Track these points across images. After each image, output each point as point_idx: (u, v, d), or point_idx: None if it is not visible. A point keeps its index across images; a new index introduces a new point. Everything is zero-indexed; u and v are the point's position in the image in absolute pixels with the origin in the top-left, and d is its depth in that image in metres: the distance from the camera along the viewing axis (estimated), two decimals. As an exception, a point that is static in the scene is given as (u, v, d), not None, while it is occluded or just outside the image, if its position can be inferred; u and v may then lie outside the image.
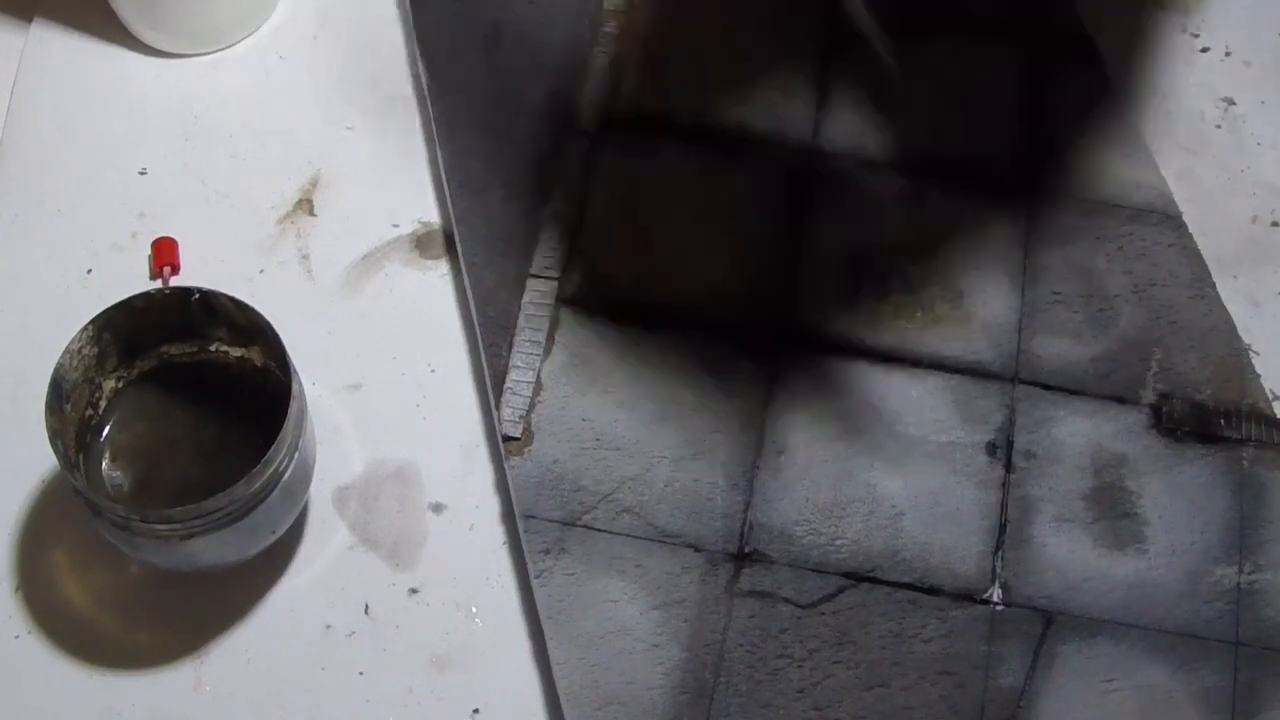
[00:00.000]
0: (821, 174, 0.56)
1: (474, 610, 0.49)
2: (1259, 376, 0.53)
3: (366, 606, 0.49)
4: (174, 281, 0.54)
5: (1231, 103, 0.61)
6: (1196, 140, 0.60)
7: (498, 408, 0.51)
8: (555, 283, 0.54)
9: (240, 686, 0.47)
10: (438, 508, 0.51)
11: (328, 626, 0.48)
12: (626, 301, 0.53)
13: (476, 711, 0.47)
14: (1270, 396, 0.53)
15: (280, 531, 0.47)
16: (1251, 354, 0.54)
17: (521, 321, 0.53)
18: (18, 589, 0.49)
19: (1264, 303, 0.56)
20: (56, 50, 0.60)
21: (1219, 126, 0.61)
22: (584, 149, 0.56)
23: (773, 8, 0.61)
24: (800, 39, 0.60)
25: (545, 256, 0.54)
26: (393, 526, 0.50)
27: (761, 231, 0.55)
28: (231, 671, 0.48)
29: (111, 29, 0.60)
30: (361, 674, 0.48)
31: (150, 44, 0.60)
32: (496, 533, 0.50)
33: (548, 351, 0.52)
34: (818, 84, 0.59)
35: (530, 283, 0.53)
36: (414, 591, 0.49)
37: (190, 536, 0.44)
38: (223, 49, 0.60)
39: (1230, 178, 0.59)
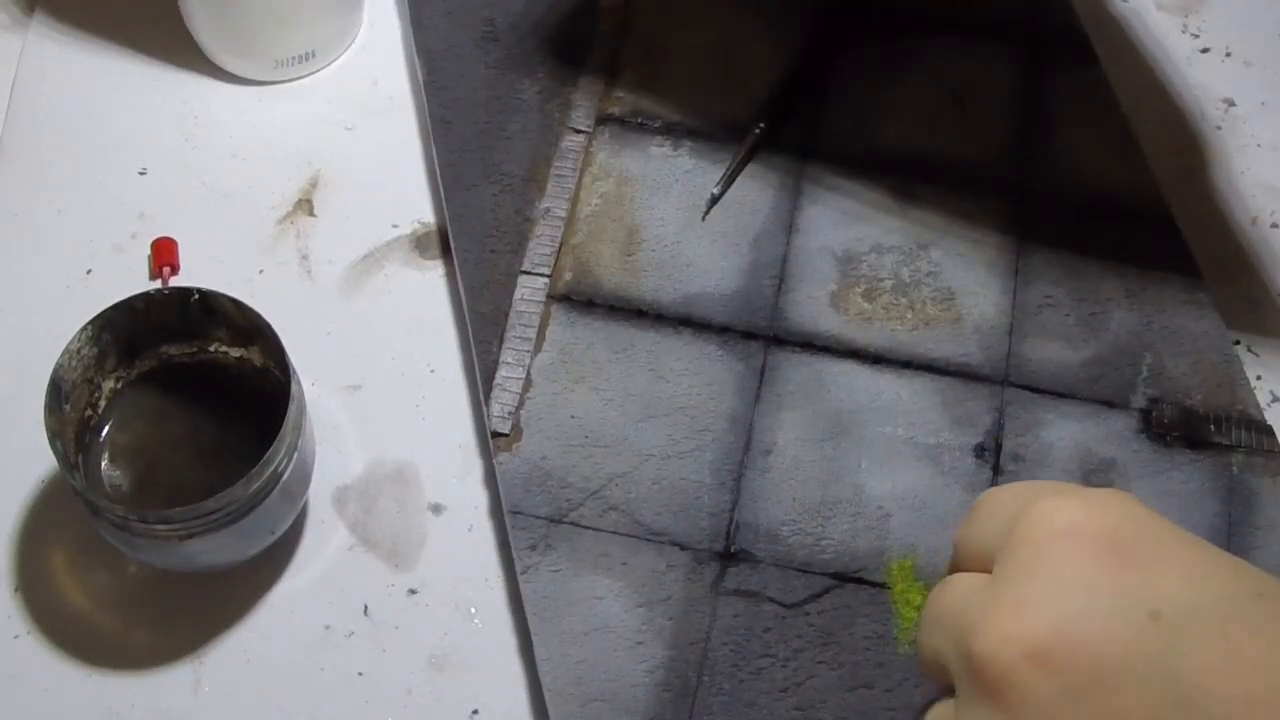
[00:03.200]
0: (813, 173, 0.56)
1: (473, 611, 0.49)
2: (1249, 382, 0.52)
3: (366, 607, 0.49)
4: (174, 282, 0.54)
5: (1231, 103, 0.61)
6: (1196, 141, 0.60)
7: (487, 404, 0.51)
8: (546, 279, 0.54)
9: (239, 687, 0.47)
10: (437, 508, 0.51)
11: (327, 627, 0.48)
12: (617, 299, 0.53)
13: (476, 712, 0.47)
14: (1264, 402, 0.53)
15: (279, 532, 0.48)
16: (1243, 359, 0.54)
17: (512, 318, 0.53)
18: (17, 589, 0.49)
19: (1263, 306, 0.56)
20: (56, 50, 0.60)
21: (1219, 127, 0.60)
22: (577, 146, 0.57)
23: (769, 6, 0.61)
24: (795, 37, 0.60)
25: (537, 253, 0.54)
26: (392, 527, 0.50)
27: (752, 230, 0.55)
28: (231, 672, 0.48)
29: (111, 29, 0.60)
30: (361, 674, 0.48)
31: (236, 72, 0.60)
32: (494, 533, 0.50)
33: (538, 348, 0.52)
34: (813, 82, 0.59)
35: (521, 279, 0.53)
36: (413, 592, 0.49)
37: (189, 537, 0.44)
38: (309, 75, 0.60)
39: (1230, 179, 0.59)
